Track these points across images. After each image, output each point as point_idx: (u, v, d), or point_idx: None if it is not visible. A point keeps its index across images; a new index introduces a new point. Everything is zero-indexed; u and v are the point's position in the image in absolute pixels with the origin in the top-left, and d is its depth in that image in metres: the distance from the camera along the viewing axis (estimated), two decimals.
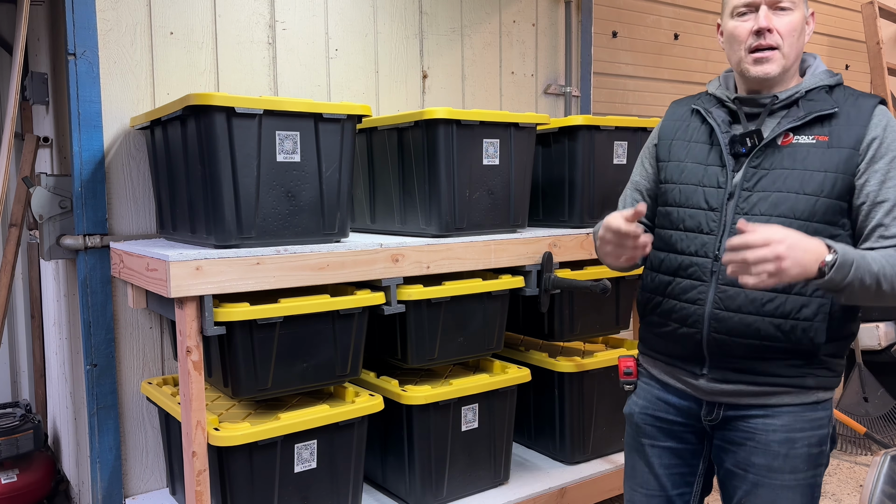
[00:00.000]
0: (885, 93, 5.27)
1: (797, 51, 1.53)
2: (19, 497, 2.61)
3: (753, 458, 1.52)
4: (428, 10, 3.21)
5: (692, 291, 1.54)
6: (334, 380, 2.24)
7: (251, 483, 2.08)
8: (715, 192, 1.53)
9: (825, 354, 1.50)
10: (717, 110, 1.59)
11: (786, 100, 1.52)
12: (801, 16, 1.51)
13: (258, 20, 2.76)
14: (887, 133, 1.45)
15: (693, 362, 1.57)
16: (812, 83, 1.53)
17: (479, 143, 2.45)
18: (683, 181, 1.59)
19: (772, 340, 1.47)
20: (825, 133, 1.47)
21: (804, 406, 1.51)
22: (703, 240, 1.53)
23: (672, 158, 1.63)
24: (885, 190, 1.42)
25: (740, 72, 1.56)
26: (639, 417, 1.69)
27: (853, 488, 3.18)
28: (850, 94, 1.51)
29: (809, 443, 1.51)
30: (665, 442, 1.66)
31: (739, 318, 1.48)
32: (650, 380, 1.70)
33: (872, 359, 3.97)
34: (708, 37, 5.11)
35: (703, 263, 1.52)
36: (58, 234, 2.49)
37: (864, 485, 1.77)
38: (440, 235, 2.40)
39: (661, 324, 1.62)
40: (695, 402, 1.60)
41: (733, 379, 1.53)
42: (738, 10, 1.52)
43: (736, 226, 1.33)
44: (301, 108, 2.09)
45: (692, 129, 1.62)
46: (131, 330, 2.53)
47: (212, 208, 2.03)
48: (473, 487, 2.55)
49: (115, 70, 2.47)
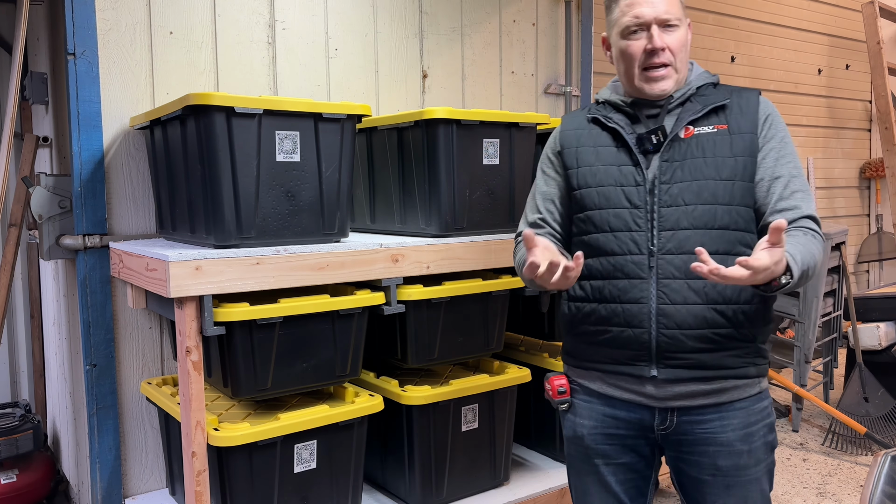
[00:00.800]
0: (886, 92, 5.26)
1: (686, 62, 1.60)
2: (19, 497, 2.61)
3: (720, 461, 1.53)
4: (428, 10, 3.21)
5: (633, 291, 1.52)
6: (334, 380, 2.24)
7: (251, 483, 2.07)
8: (635, 190, 1.54)
9: (761, 341, 1.56)
10: (616, 115, 1.62)
11: (680, 97, 1.58)
12: (685, 30, 1.58)
13: (258, 20, 2.76)
14: (774, 115, 1.58)
15: (641, 365, 1.54)
16: (698, 81, 1.61)
17: (479, 142, 2.44)
18: (600, 184, 1.58)
19: (719, 327, 1.49)
20: (723, 122, 1.55)
21: (752, 398, 1.55)
22: (633, 237, 1.53)
23: (582, 164, 1.62)
24: (779, 167, 1.53)
25: (636, 88, 1.59)
26: (590, 439, 1.62)
27: (853, 488, 3.18)
28: (732, 89, 1.61)
29: (764, 432, 1.56)
30: (621, 458, 1.61)
31: (686, 310, 1.48)
32: (590, 396, 1.64)
33: (873, 359, 3.97)
34: (708, 36, 5.11)
35: (640, 260, 1.52)
36: (57, 233, 2.48)
37: (865, 485, 1.77)
38: (440, 235, 2.40)
39: (599, 332, 1.57)
40: (646, 412, 1.56)
41: (685, 377, 1.51)
42: (630, 30, 1.56)
43: (696, 252, 1.32)
44: (301, 108, 2.09)
45: (594, 135, 1.63)
46: (131, 330, 2.52)
47: (211, 208, 2.03)
48: (473, 488, 2.55)
49: (115, 70, 2.47)
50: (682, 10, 1.58)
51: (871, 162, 6.32)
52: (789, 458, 3.54)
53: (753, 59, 5.42)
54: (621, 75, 1.63)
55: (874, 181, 6.43)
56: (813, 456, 3.56)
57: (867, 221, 6.50)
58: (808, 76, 5.88)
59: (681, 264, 1.49)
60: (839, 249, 4.24)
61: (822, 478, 3.30)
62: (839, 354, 4.61)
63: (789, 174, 1.52)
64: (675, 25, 1.55)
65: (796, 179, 1.53)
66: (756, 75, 5.44)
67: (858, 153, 6.38)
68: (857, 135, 6.36)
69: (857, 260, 6.33)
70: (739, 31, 5.33)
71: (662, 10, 1.53)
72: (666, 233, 1.50)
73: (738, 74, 5.32)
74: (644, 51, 1.54)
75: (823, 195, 6.10)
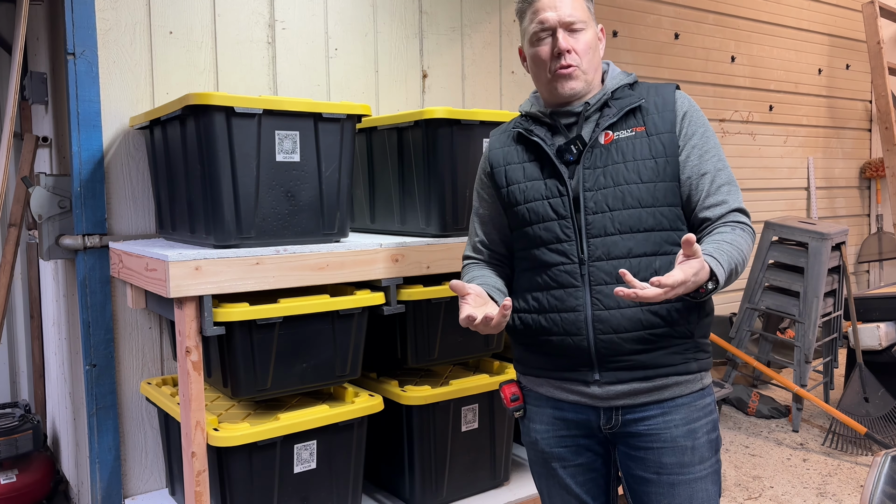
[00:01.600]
0: (886, 92, 5.26)
1: (595, 64, 1.63)
2: (18, 497, 2.61)
3: (664, 458, 1.55)
4: (428, 10, 3.21)
5: (569, 300, 1.56)
6: (334, 380, 2.24)
7: (250, 483, 2.07)
8: (559, 201, 1.58)
9: (699, 336, 1.58)
10: (537, 127, 1.66)
11: (596, 103, 1.61)
12: (593, 33, 1.62)
13: (258, 20, 2.76)
14: (692, 110, 1.60)
15: (584, 371, 1.57)
16: (614, 84, 1.63)
17: (480, 142, 2.44)
18: (528, 199, 1.62)
19: (654, 328, 1.52)
20: (640, 124, 1.58)
21: (695, 395, 1.58)
22: (563, 248, 1.57)
23: (510, 182, 1.66)
24: (703, 163, 1.56)
25: (549, 91, 1.63)
26: (544, 444, 1.67)
27: (853, 489, 3.18)
28: (650, 87, 1.63)
29: (707, 430, 1.58)
30: (577, 460, 1.65)
31: (621, 314, 1.52)
32: (539, 401, 1.68)
33: (873, 359, 3.97)
34: (708, 36, 5.11)
35: (572, 269, 1.56)
36: (57, 233, 2.48)
37: (865, 485, 1.77)
38: (440, 235, 2.40)
39: (542, 342, 1.61)
40: (592, 413, 1.60)
41: (626, 378, 1.55)
42: (538, 36, 1.61)
43: (619, 273, 1.35)
44: (300, 108, 2.08)
45: (519, 151, 1.68)
46: (130, 330, 2.52)
47: (211, 208, 2.03)
48: (473, 488, 2.55)
49: (115, 70, 2.47)
50: (587, 14, 1.62)
51: (871, 162, 6.33)
52: (789, 458, 3.54)
53: (753, 59, 5.42)
54: (536, 83, 1.67)
55: (874, 181, 6.44)
56: (813, 456, 3.56)
57: (867, 221, 6.50)
58: (809, 76, 5.88)
59: (611, 270, 1.52)
60: (839, 249, 4.24)
61: (823, 478, 3.30)
62: (839, 354, 4.61)
63: (714, 168, 1.56)
64: (580, 29, 1.59)
65: (721, 173, 1.57)
66: (756, 75, 5.44)
67: (858, 153, 6.38)
68: (857, 135, 6.36)
69: (858, 260, 6.33)
70: (739, 31, 5.33)
71: (566, 13, 1.58)
72: (594, 240, 1.54)
73: (737, 74, 5.32)
74: (552, 55, 1.59)
75: (823, 195, 6.10)
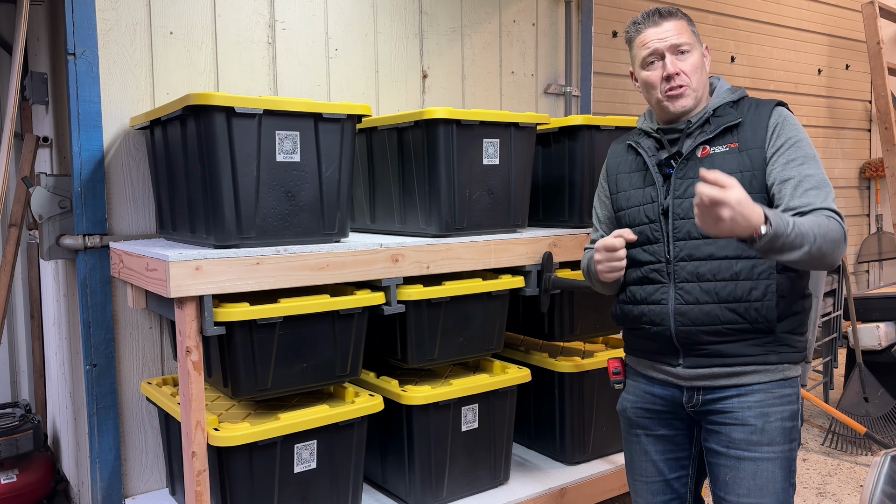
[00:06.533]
0: (886, 92, 5.26)
1: (703, 82, 1.80)
2: (19, 497, 2.61)
3: (734, 434, 1.70)
4: (428, 10, 3.21)
5: (655, 294, 1.77)
6: (334, 380, 2.24)
7: (251, 483, 2.07)
8: (651, 207, 1.79)
9: (782, 332, 1.70)
10: (646, 140, 1.86)
11: (698, 121, 1.77)
12: (699, 54, 1.79)
13: (258, 20, 2.76)
14: (784, 124, 1.70)
15: (670, 355, 1.78)
16: (716, 103, 1.79)
17: (479, 142, 2.45)
18: (630, 205, 1.85)
19: (731, 323, 1.68)
20: (735, 141, 1.72)
21: (773, 383, 1.70)
22: (653, 249, 1.78)
23: (619, 190, 1.90)
24: (787, 170, 1.65)
25: (661, 110, 1.81)
26: (631, 412, 1.90)
27: (853, 488, 3.18)
28: (752, 104, 1.77)
29: (782, 417, 1.70)
30: (657, 430, 1.85)
31: (699, 309, 1.70)
32: (637, 376, 1.91)
33: (873, 359, 3.97)
34: (708, 36, 5.11)
35: (660, 268, 1.77)
36: (57, 233, 2.48)
37: (865, 485, 1.77)
38: (440, 235, 2.40)
39: (636, 328, 1.85)
40: (677, 390, 1.80)
41: (705, 364, 1.73)
42: (648, 61, 1.79)
43: (699, 174, 1.47)
44: (301, 108, 2.09)
45: (629, 161, 1.90)
46: (131, 330, 2.53)
47: (211, 208, 2.03)
48: (473, 488, 2.55)
49: (115, 70, 2.47)
50: (692, 37, 1.79)
51: (871, 162, 6.32)
52: None
53: (753, 59, 5.42)
54: (649, 103, 1.85)
55: (874, 181, 6.43)
56: (813, 456, 3.56)
57: (867, 221, 6.50)
58: (808, 76, 5.87)
59: (694, 269, 1.71)
60: None
61: (822, 478, 3.30)
62: (839, 354, 4.61)
63: (800, 174, 1.64)
64: (687, 51, 1.76)
65: (810, 178, 1.63)
66: (756, 75, 5.44)
67: (858, 153, 6.38)
68: (856, 135, 6.35)
69: (857, 260, 6.33)
70: (739, 31, 5.33)
71: (673, 39, 1.76)
72: (680, 242, 1.73)
73: (738, 74, 5.32)
74: (662, 78, 1.76)
75: None
